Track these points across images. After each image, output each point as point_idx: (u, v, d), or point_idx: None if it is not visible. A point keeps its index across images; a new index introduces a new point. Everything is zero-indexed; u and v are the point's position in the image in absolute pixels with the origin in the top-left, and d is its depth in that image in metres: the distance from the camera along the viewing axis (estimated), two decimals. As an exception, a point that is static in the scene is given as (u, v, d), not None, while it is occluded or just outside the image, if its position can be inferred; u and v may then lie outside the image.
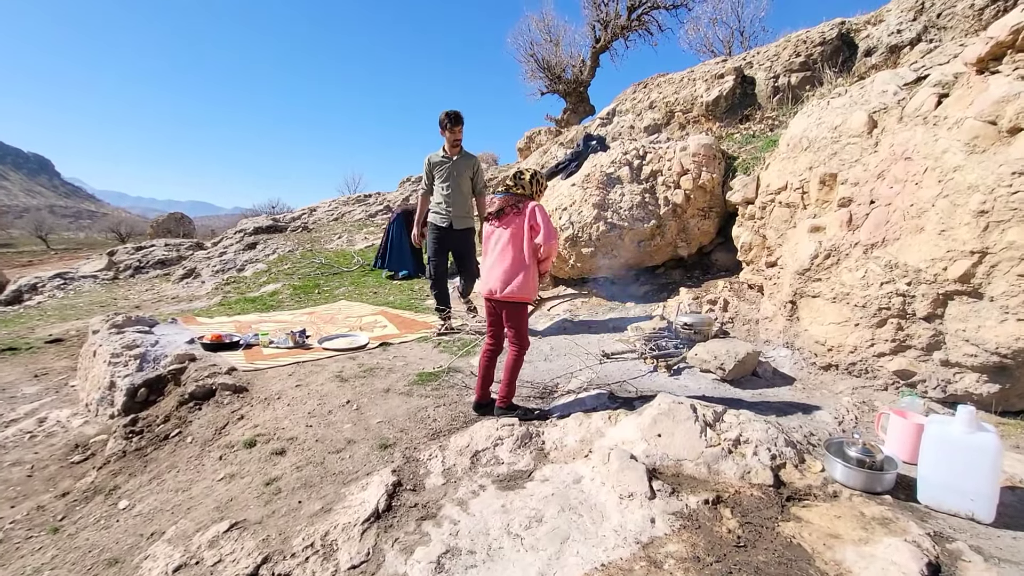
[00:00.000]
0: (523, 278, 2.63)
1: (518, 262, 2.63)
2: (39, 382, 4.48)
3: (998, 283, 2.53)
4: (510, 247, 2.64)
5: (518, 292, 2.65)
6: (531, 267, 2.65)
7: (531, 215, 2.61)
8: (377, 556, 1.87)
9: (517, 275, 2.63)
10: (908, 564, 1.55)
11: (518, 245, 2.63)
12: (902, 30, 6.35)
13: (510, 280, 2.63)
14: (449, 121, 4.15)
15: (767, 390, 3.16)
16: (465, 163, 4.33)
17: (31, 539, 2.25)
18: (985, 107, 2.76)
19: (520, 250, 2.63)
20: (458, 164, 4.29)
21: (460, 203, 4.34)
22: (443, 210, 4.34)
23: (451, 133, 4.19)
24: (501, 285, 2.66)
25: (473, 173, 4.39)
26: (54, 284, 10.30)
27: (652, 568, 1.68)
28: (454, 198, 4.31)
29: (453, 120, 4.15)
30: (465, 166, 4.32)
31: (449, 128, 4.17)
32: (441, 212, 4.36)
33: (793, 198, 3.95)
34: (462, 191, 4.34)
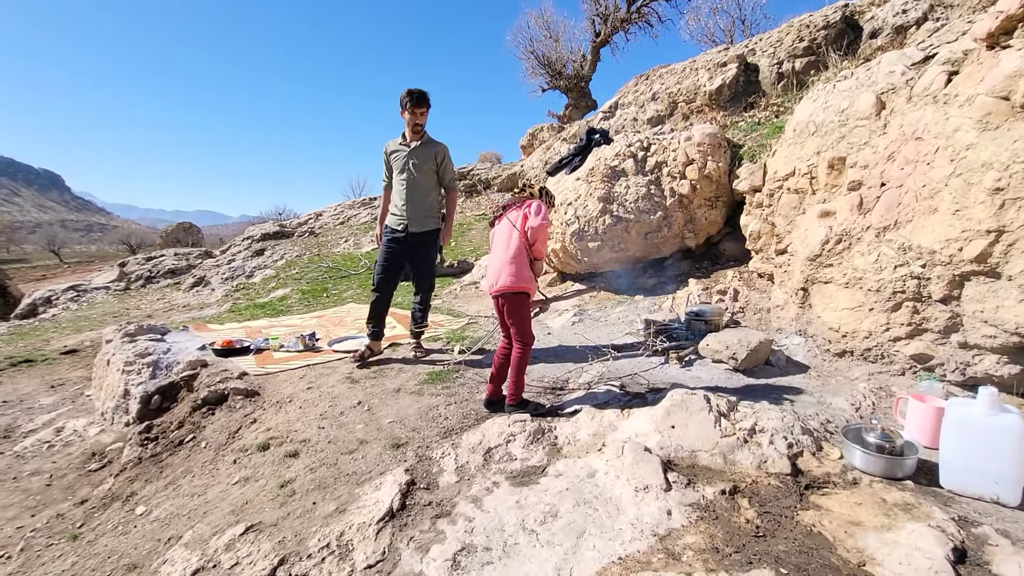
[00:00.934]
0: (516, 267, 2.64)
1: (511, 253, 2.66)
2: (55, 392, 4.53)
3: (1016, 261, 2.47)
4: (504, 239, 2.69)
5: (512, 282, 2.66)
6: (523, 255, 2.66)
7: (528, 208, 2.62)
8: (393, 555, 1.86)
9: (510, 266, 2.65)
10: (933, 549, 1.52)
11: (510, 236, 2.67)
12: (907, 10, 6.25)
13: (503, 272, 2.66)
14: (410, 100, 3.46)
15: (781, 378, 3.12)
16: (427, 151, 3.60)
17: (52, 546, 2.27)
18: (997, 82, 2.69)
19: (511, 240, 2.66)
20: (418, 153, 3.58)
21: (419, 200, 3.61)
22: (399, 209, 3.63)
23: (411, 115, 3.49)
24: (495, 278, 2.69)
25: (438, 164, 3.66)
26: (67, 296, 10.43)
27: (670, 560, 1.66)
28: (412, 194, 3.58)
29: (415, 100, 3.46)
30: (426, 155, 3.60)
31: (409, 109, 3.48)
32: (397, 212, 3.66)
33: (801, 184, 3.90)
34: (422, 186, 3.60)
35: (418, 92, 3.48)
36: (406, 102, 3.47)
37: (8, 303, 11.92)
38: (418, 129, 3.57)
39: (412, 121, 3.52)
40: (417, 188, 3.59)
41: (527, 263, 2.69)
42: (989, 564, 1.51)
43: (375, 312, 3.74)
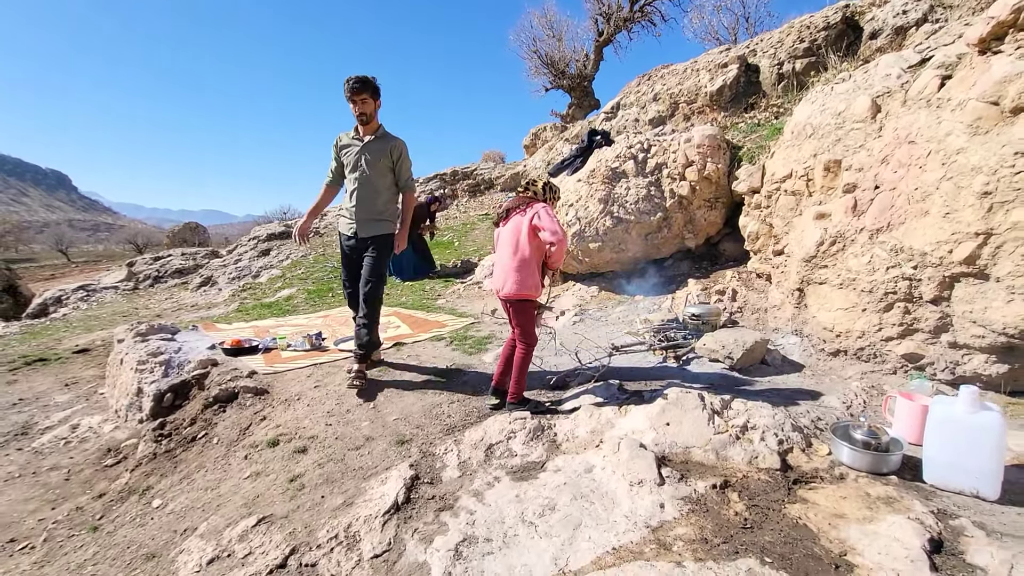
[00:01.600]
0: (522, 276, 2.70)
1: (518, 260, 2.70)
2: (70, 391, 4.65)
3: (1004, 263, 2.54)
4: (510, 245, 2.73)
5: (517, 290, 2.73)
6: (531, 264, 2.71)
7: (534, 214, 2.67)
8: (398, 545, 1.95)
9: (516, 273, 2.71)
10: (910, 540, 1.60)
11: (517, 242, 2.71)
12: (907, 11, 6.28)
13: (509, 278, 2.73)
14: (349, 88, 3.12)
15: (776, 377, 3.20)
16: (381, 147, 3.24)
17: (73, 537, 2.38)
18: (987, 88, 2.76)
19: (519, 247, 2.70)
20: (371, 148, 3.23)
21: (369, 202, 3.25)
22: (348, 212, 3.30)
23: (353, 104, 3.15)
24: (501, 283, 2.78)
25: (394, 161, 3.29)
26: (77, 296, 10.60)
27: (662, 550, 1.74)
28: (362, 193, 3.23)
29: (354, 87, 3.11)
30: (381, 151, 3.24)
31: (349, 97, 3.14)
32: (346, 215, 3.32)
33: (798, 186, 3.96)
34: (374, 185, 3.25)
35: (356, 78, 3.12)
36: (345, 95, 3.16)
37: (19, 303, 12.12)
38: (365, 120, 3.21)
39: (356, 111, 3.17)
40: (369, 187, 3.24)
41: (533, 270, 2.73)
42: (964, 554, 1.58)
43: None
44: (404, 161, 3.34)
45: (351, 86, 3.12)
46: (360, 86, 3.12)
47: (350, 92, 3.13)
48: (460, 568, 1.80)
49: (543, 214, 2.65)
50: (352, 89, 3.12)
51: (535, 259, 2.73)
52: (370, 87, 3.16)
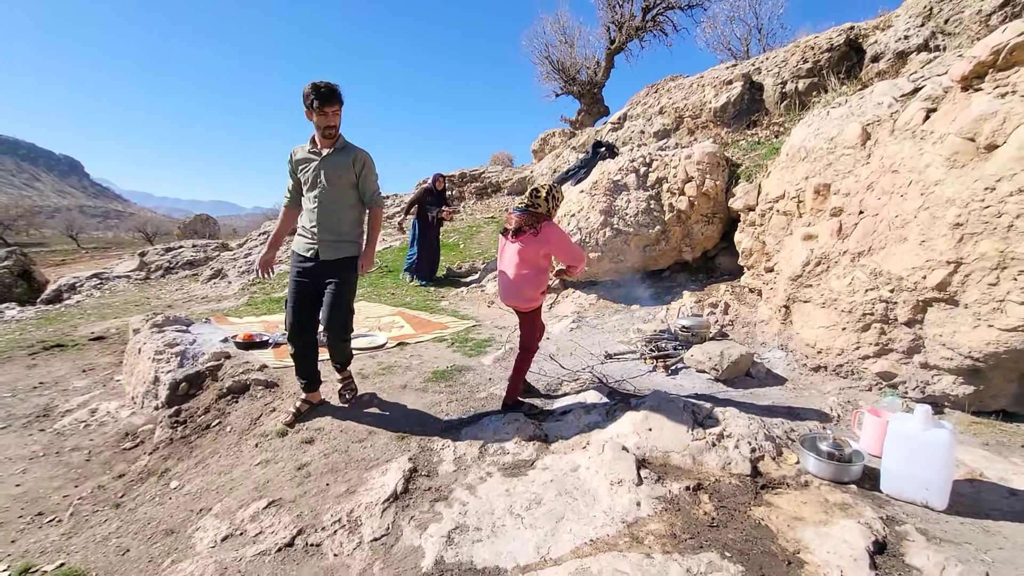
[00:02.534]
0: (528, 291, 2.89)
1: (525, 278, 2.87)
2: (87, 376, 4.87)
3: (971, 291, 2.70)
4: (520, 264, 2.87)
5: (524, 304, 2.94)
6: (538, 278, 2.89)
7: (546, 241, 2.81)
8: (396, 530, 2.14)
9: (522, 289, 2.88)
10: (857, 541, 1.77)
11: (527, 263, 2.86)
12: (909, 36, 6.43)
13: (517, 294, 2.91)
14: (318, 97, 2.72)
15: (758, 389, 3.37)
16: (342, 160, 2.91)
17: (97, 513, 2.58)
18: (965, 124, 2.92)
19: (528, 267, 2.86)
20: (331, 162, 2.89)
21: (332, 221, 2.93)
22: (307, 231, 2.95)
23: (320, 115, 2.77)
24: (505, 295, 2.98)
25: (357, 175, 2.97)
26: (91, 284, 10.87)
27: (634, 543, 1.92)
28: (323, 212, 2.90)
29: (324, 95, 2.73)
30: (342, 165, 2.91)
31: (317, 108, 2.74)
32: (305, 235, 2.96)
33: (790, 207, 4.13)
34: (336, 203, 2.93)
35: (327, 86, 2.74)
36: (312, 100, 2.72)
37: (32, 288, 12.40)
38: (331, 133, 2.85)
39: (323, 123, 2.80)
40: (330, 205, 2.91)
41: (540, 283, 2.91)
42: (904, 556, 1.76)
43: (302, 366, 3.10)
44: (369, 174, 3.00)
45: (321, 94, 2.70)
46: (332, 95, 2.74)
47: (320, 102, 2.71)
48: (451, 553, 1.98)
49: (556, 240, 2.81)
50: (323, 98, 2.71)
51: (543, 275, 2.91)
52: (339, 98, 2.79)
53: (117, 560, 2.17)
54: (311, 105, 2.75)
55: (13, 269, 11.53)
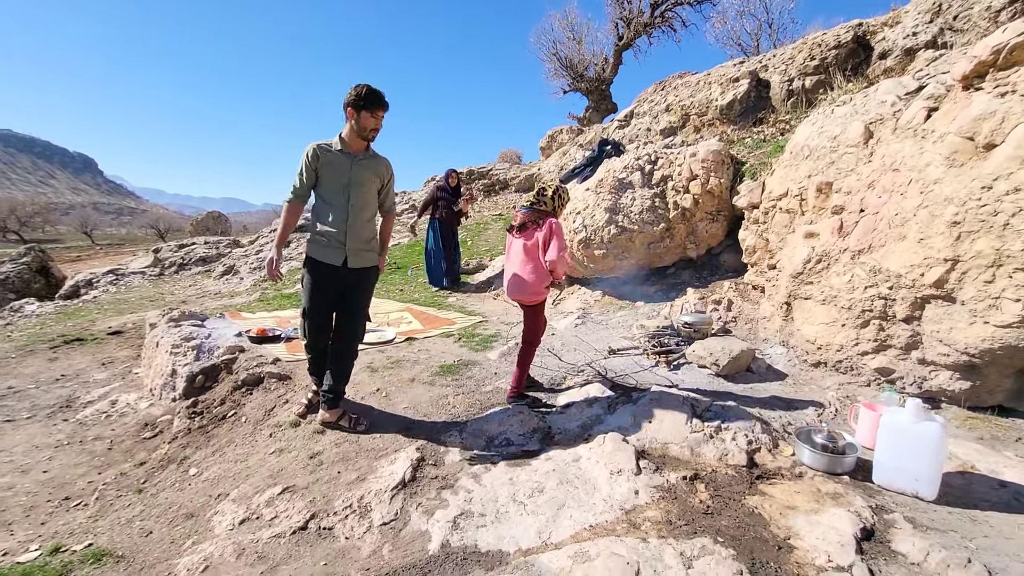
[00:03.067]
0: (533, 285, 2.99)
1: (530, 272, 2.98)
2: (106, 369, 5.03)
3: (968, 288, 2.75)
4: (526, 258, 2.99)
5: (528, 297, 3.04)
6: (542, 275, 2.98)
7: (547, 232, 2.92)
8: (404, 516, 2.24)
9: (527, 283, 2.99)
10: (845, 528, 1.85)
11: (532, 257, 2.97)
12: (918, 32, 6.40)
13: (522, 288, 3.02)
14: (371, 100, 2.71)
15: (758, 384, 3.43)
16: (373, 166, 2.87)
17: (121, 497, 2.71)
18: (965, 123, 2.96)
19: (534, 261, 2.97)
20: (365, 166, 2.84)
21: (360, 227, 2.87)
22: (333, 238, 2.82)
23: (370, 118, 2.74)
24: (510, 290, 3.07)
25: (383, 184, 2.96)
26: (107, 280, 11.11)
27: (631, 528, 2.01)
28: (354, 218, 2.83)
29: (377, 99, 2.72)
30: (373, 171, 2.87)
31: (370, 110, 2.72)
32: (331, 241, 2.82)
33: (792, 204, 4.17)
34: (366, 210, 2.88)
35: (377, 91, 2.74)
36: (360, 102, 2.69)
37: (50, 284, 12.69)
38: (373, 137, 2.83)
39: (371, 125, 2.76)
40: (361, 212, 2.86)
41: (542, 278, 3.01)
42: (890, 542, 1.83)
43: (318, 365, 3.08)
44: (392, 184, 3.01)
45: (376, 96, 2.72)
46: (383, 99, 2.75)
47: (374, 104, 2.72)
48: (456, 537, 2.08)
49: (553, 233, 2.90)
50: (377, 101, 2.72)
51: (544, 270, 3.00)
52: (387, 106, 2.80)
53: (141, 541, 2.30)
54: (361, 105, 2.71)
55: (32, 265, 11.81)
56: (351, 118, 2.76)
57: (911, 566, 1.72)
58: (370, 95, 2.71)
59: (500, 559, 1.94)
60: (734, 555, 1.77)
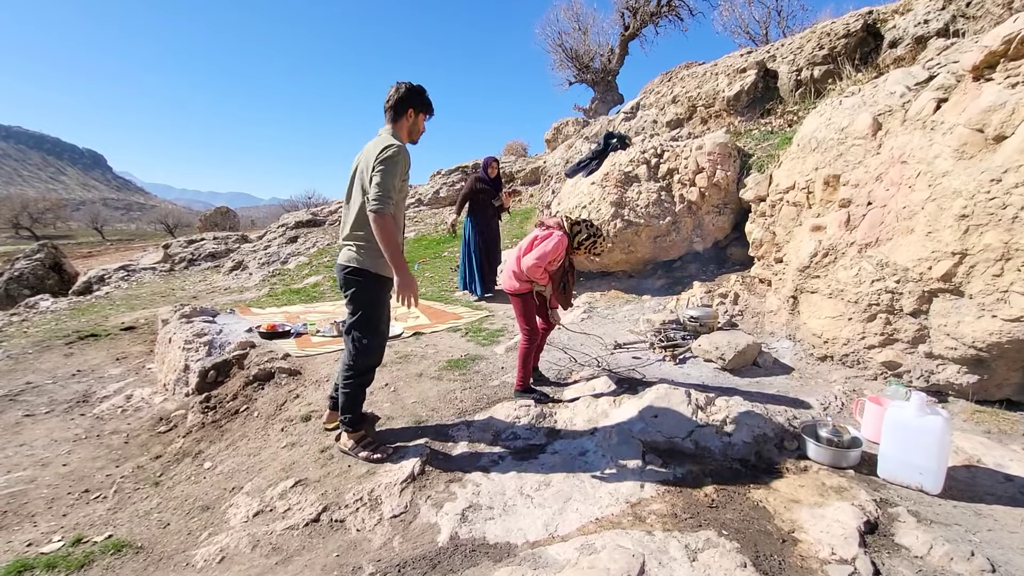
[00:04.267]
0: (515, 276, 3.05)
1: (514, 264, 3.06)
2: (120, 365, 5.13)
3: (976, 282, 2.73)
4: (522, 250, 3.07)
5: (507, 284, 3.10)
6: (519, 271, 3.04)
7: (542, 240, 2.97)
8: (413, 508, 2.29)
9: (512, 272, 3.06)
10: (849, 522, 1.87)
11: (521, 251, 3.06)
12: (929, 20, 6.30)
13: (507, 275, 3.10)
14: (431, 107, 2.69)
15: (764, 378, 3.44)
16: None
17: (138, 490, 2.78)
18: (974, 115, 2.93)
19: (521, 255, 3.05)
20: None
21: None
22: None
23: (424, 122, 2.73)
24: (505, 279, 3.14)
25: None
26: (119, 276, 11.26)
27: (636, 521, 2.04)
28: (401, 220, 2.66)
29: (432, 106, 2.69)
30: None
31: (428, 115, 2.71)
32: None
33: (799, 197, 4.15)
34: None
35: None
36: (425, 105, 2.65)
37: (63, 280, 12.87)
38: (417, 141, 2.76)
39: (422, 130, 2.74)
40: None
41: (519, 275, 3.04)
42: (894, 535, 1.85)
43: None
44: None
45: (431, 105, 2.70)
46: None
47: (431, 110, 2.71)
48: (465, 529, 2.13)
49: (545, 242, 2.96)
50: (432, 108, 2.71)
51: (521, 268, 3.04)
52: None
53: (159, 532, 2.36)
54: (423, 108, 2.65)
55: (45, 262, 11.98)
56: (409, 119, 2.63)
57: (914, 559, 1.74)
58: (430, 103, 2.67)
59: (508, 551, 1.98)
60: (738, 548, 1.80)
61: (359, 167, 2.59)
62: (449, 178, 14.59)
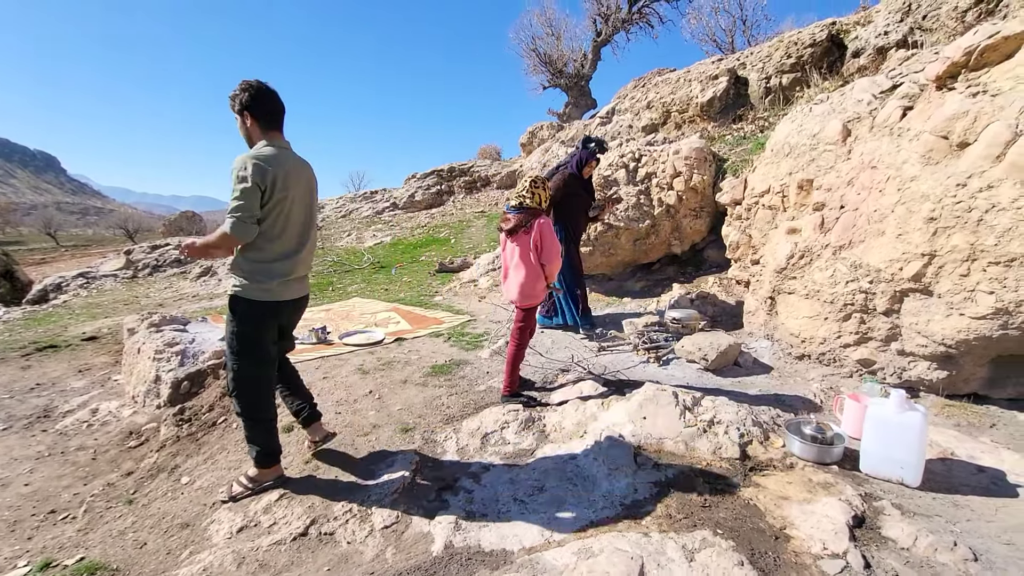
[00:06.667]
0: (529, 288, 3.05)
1: (525, 277, 3.03)
2: (84, 377, 4.88)
3: (944, 282, 2.86)
4: (520, 263, 3.04)
5: (532, 299, 3.11)
6: (537, 277, 3.04)
7: (536, 235, 2.97)
8: (405, 518, 2.24)
9: (528, 285, 3.04)
10: (838, 516, 1.92)
11: (526, 262, 3.02)
12: (889, 32, 6.60)
13: (524, 291, 3.06)
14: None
15: (746, 378, 3.52)
16: None
17: (111, 509, 2.64)
18: (939, 122, 3.07)
19: (527, 265, 3.02)
20: None
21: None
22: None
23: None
24: (519, 296, 3.08)
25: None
26: (77, 283, 10.74)
27: (632, 524, 2.05)
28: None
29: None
30: None
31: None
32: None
33: (775, 201, 4.27)
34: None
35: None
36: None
37: (16, 288, 12.21)
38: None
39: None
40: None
41: (538, 280, 3.06)
42: (880, 528, 1.91)
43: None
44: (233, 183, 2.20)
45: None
46: None
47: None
48: (460, 537, 2.09)
49: (542, 234, 2.96)
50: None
51: (540, 272, 3.05)
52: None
53: (136, 553, 2.25)
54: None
55: (-5, 269, 11.33)
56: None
57: (901, 551, 1.79)
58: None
59: (504, 558, 1.96)
60: (734, 546, 1.82)
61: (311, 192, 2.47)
62: (424, 182, 14.48)
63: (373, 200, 15.16)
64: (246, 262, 2.29)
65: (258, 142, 2.31)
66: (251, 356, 2.38)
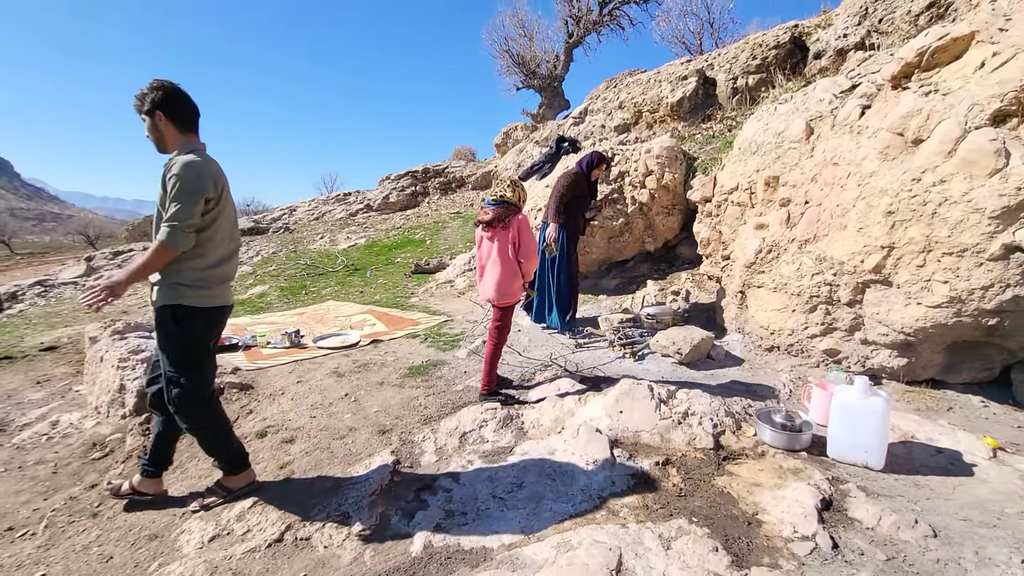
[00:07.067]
0: (507, 287, 3.05)
1: (502, 274, 3.03)
2: (42, 388, 4.67)
3: (903, 273, 2.98)
4: (497, 259, 3.04)
5: (510, 298, 3.11)
6: (515, 275, 3.05)
7: (515, 232, 2.99)
8: (384, 521, 2.22)
9: (506, 283, 3.04)
10: (807, 500, 1.98)
11: (504, 259, 3.02)
12: (848, 34, 6.85)
13: (502, 289, 3.05)
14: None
15: (719, 370, 3.60)
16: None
17: (74, 523, 2.53)
18: (895, 120, 3.20)
19: (505, 262, 3.02)
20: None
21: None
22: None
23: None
24: (496, 294, 3.08)
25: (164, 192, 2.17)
26: (34, 292, 10.28)
27: (610, 516, 2.08)
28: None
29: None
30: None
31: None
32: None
33: (743, 198, 4.39)
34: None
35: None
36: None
37: (-33, 298, 11.60)
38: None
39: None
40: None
41: (516, 277, 3.07)
42: (847, 510, 1.98)
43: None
44: (171, 190, 2.05)
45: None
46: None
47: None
48: (439, 538, 2.08)
49: (521, 231, 2.98)
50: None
51: (517, 270, 3.06)
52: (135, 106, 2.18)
53: (101, 567, 2.16)
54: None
55: (-56, 279, 10.75)
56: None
57: (867, 530, 1.86)
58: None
59: (485, 555, 1.96)
60: (708, 533, 1.86)
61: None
62: (399, 183, 14.35)
63: (347, 202, 14.94)
64: (190, 270, 2.18)
65: (173, 144, 2.18)
66: (200, 368, 2.31)
